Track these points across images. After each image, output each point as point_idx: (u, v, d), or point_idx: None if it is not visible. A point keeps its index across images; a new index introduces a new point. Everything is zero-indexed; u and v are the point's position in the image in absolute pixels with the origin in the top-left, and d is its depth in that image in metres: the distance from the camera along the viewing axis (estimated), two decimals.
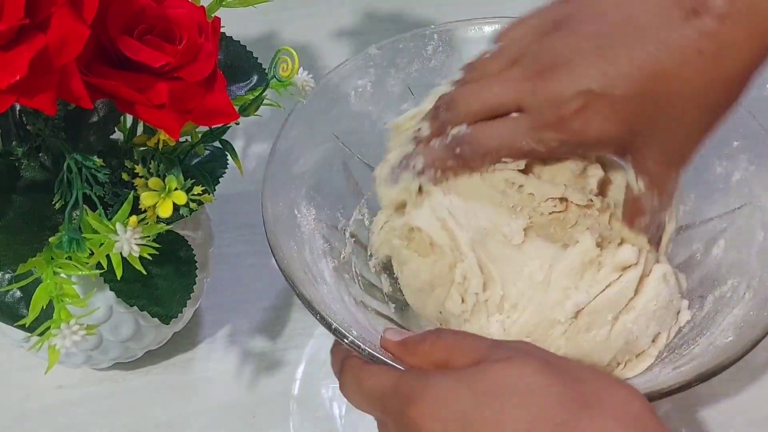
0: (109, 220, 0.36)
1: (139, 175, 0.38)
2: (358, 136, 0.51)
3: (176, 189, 0.38)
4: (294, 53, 0.43)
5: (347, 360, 0.38)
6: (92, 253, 0.37)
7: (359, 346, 0.37)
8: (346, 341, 0.38)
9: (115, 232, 0.36)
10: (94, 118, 0.40)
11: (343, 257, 0.48)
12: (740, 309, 0.44)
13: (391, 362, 0.37)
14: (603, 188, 0.45)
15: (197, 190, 0.38)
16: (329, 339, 0.40)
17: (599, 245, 0.43)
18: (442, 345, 0.35)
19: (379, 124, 0.52)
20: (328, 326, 0.39)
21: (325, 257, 0.46)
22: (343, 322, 0.40)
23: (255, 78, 0.45)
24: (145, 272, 0.37)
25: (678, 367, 0.42)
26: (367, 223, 0.51)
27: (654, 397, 0.38)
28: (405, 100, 0.53)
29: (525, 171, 0.43)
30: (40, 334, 0.36)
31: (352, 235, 0.50)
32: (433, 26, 0.54)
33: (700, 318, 0.46)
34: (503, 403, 0.31)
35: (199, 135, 0.42)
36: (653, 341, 0.45)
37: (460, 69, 0.44)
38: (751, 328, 0.41)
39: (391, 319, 0.48)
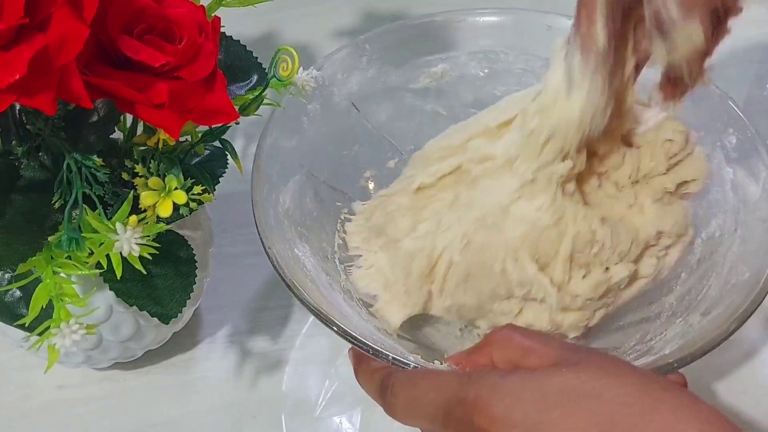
0: (109, 219, 0.36)
1: (139, 174, 0.38)
2: (320, 161, 0.51)
3: (176, 188, 0.38)
4: (294, 53, 0.43)
5: (391, 376, 0.36)
6: (92, 253, 0.37)
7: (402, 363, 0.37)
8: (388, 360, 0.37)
9: (114, 231, 0.36)
10: (94, 118, 0.40)
11: (343, 285, 0.48)
12: (739, 245, 0.45)
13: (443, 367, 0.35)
14: None
15: (197, 189, 0.38)
16: (328, 339, 0.40)
17: None
18: (516, 344, 0.34)
19: (333, 144, 0.52)
20: (375, 354, 0.38)
21: (333, 290, 0.46)
22: (374, 341, 0.39)
23: (255, 78, 0.45)
24: (144, 272, 0.37)
25: (706, 312, 0.42)
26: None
27: (711, 346, 0.38)
28: (350, 116, 0.53)
29: None
30: (40, 334, 0.36)
31: (341, 261, 0.50)
32: (363, 36, 0.54)
33: (695, 261, 0.47)
34: (571, 406, 0.30)
35: (199, 135, 0.42)
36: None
37: None
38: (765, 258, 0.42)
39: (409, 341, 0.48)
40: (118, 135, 0.43)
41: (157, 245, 0.37)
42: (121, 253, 0.36)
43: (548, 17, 0.53)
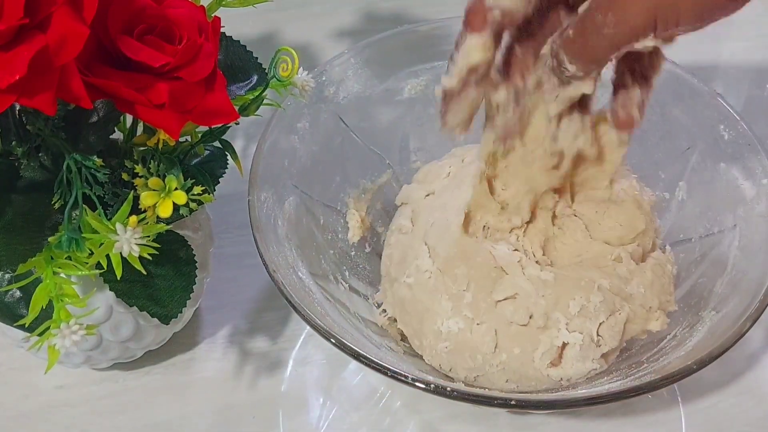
0: (109, 220, 0.36)
1: (139, 174, 0.38)
2: (312, 180, 0.51)
3: (176, 189, 0.38)
4: (294, 53, 0.43)
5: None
6: (92, 253, 0.37)
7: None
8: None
9: (114, 232, 0.36)
10: (94, 118, 0.40)
11: (349, 306, 0.48)
12: (740, 241, 0.45)
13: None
14: None
15: (197, 190, 0.38)
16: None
17: None
18: None
19: (323, 160, 0.52)
20: (394, 376, 0.39)
21: (339, 311, 0.46)
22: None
23: (255, 78, 0.45)
24: (144, 272, 0.37)
25: (716, 311, 0.43)
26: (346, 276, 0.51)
27: (725, 347, 0.38)
28: (338, 131, 0.53)
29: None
30: (40, 334, 0.36)
31: (345, 279, 0.50)
32: (346, 50, 0.53)
33: (695, 258, 0.47)
34: None
35: (199, 135, 0.42)
36: None
37: None
38: None
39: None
40: (118, 135, 0.43)
41: (157, 245, 0.37)
42: (121, 253, 0.36)
43: None
